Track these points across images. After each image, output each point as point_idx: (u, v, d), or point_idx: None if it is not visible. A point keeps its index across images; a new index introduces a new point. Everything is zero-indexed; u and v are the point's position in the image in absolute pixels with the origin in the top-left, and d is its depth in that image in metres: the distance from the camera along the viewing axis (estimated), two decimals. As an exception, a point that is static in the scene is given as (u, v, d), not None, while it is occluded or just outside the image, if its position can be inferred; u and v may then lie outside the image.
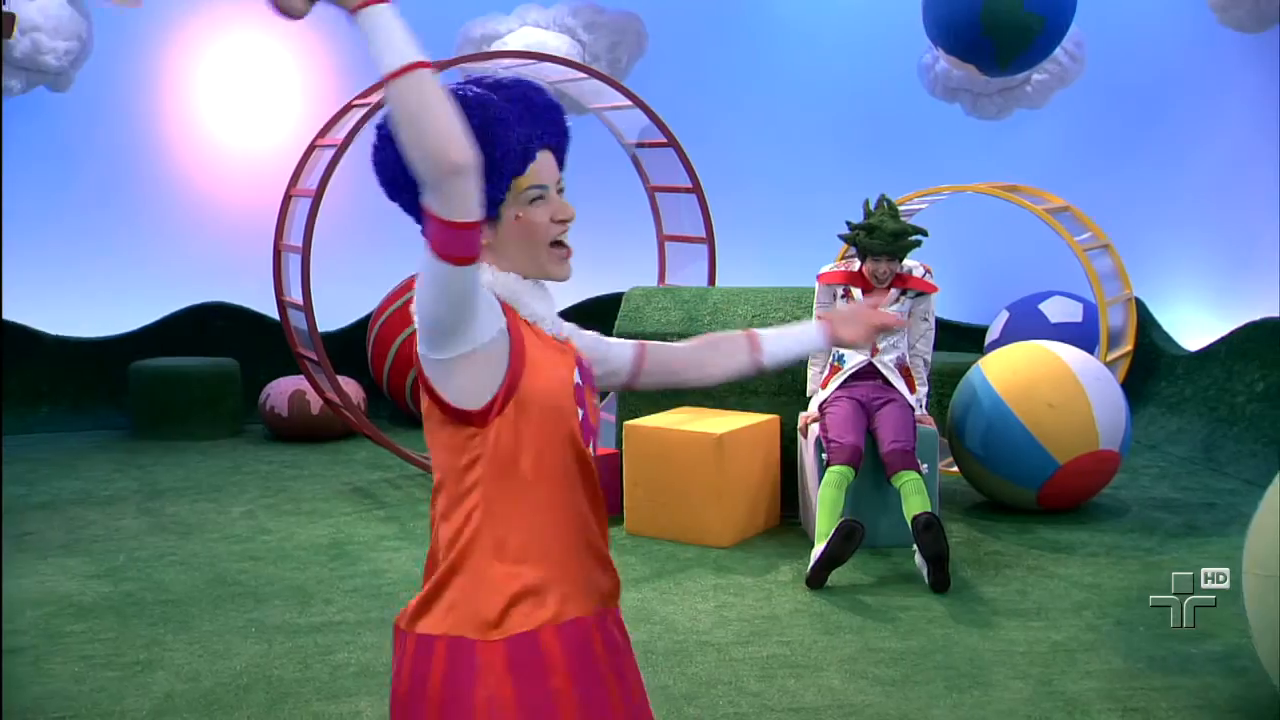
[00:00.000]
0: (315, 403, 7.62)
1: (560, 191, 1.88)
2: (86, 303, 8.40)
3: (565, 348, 1.89)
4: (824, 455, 5.23)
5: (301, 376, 7.32)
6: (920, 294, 5.44)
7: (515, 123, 1.79)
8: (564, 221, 1.88)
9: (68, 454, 7.61)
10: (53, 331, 8.45)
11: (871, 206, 5.33)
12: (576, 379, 1.86)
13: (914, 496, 4.95)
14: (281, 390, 7.88)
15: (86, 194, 8.26)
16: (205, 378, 8.07)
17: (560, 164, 1.90)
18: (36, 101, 8.12)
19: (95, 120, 8.32)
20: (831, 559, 4.87)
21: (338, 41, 8.52)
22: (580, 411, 1.84)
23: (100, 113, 8.33)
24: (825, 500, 5.03)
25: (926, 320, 5.48)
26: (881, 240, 5.21)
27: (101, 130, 8.32)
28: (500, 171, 1.78)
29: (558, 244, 1.88)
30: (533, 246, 1.85)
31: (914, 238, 5.26)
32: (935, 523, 4.83)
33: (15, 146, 8.10)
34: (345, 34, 8.68)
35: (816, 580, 4.90)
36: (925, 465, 5.14)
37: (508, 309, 1.81)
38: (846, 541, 4.86)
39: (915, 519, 4.86)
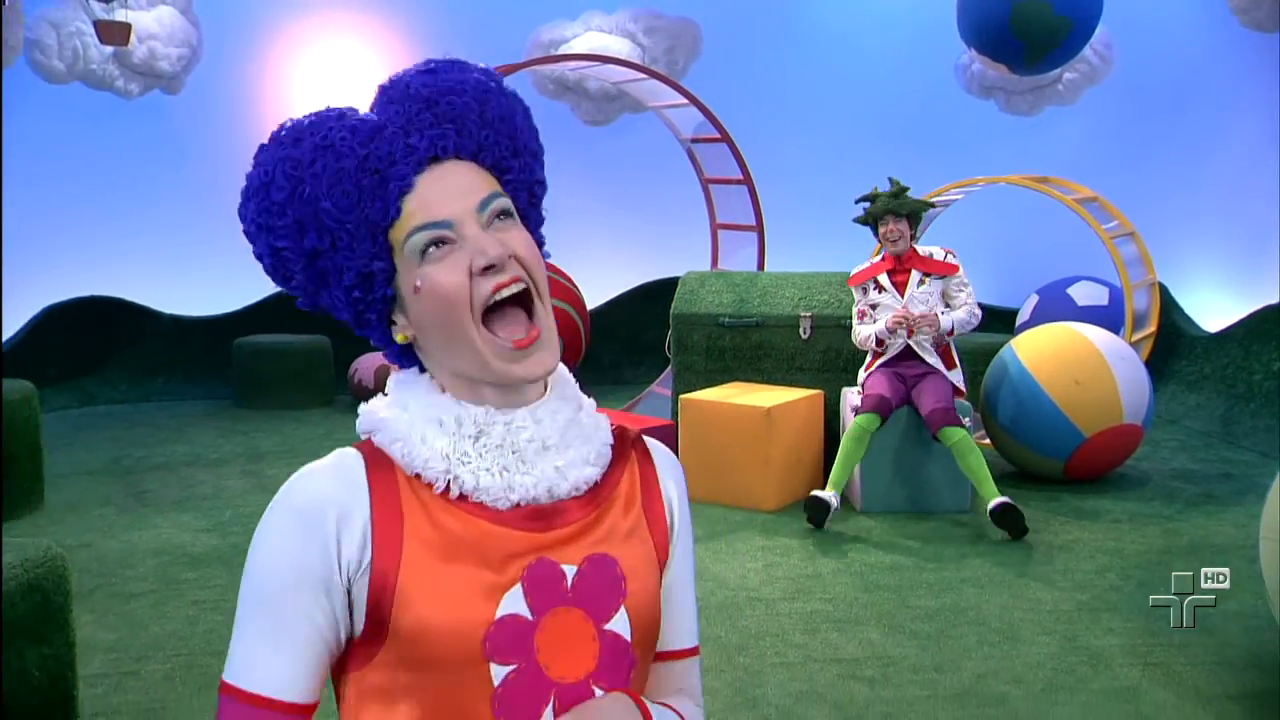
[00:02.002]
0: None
1: (502, 217, 1.07)
2: (196, 285, 8.54)
3: (527, 537, 1.07)
4: (856, 406, 5.26)
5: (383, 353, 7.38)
6: (942, 275, 5.39)
7: (350, 147, 1.04)
8: (488, 270, 1.04)
9: (180, 421, 7.76)
10: (167, 311, 8.61)
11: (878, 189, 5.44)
12: (509, 607, 1.04)
13: (970, 456, 5.00)
14: (368, 364, 7.98)
15: (197, 187, 8.39)
16: (300, 353, 8.18)
17: (510, 172, 1.11)
18: (153, 103, 8.26)
19: (204, 119, 8.45)
20: (812, 520, 5.09)
21: (420, 47, 8.57)
22: (509, 669, 1.03)
23: (208, 113, 8.45)
24: (844, 450, 5.13)
25: (961, 293, 5.35)
26: (882, 201, 5.30)
27: (209, 128, 8.45)
28: (355, 232, 1.05)
29: (496, 312, 1.05)
30: (453, 328, 1.05)
31: (912, 197, 5.34)
32: (1011, 509, 4.92)
33: (134, 144, 8.28)
34: (427, 39, 8.78)
35: (814, 522, 5.09)
36: (967, 419, 5.13)
37: (378, 487, 1.06)
38: (814, 510, 5.09)
39: (991, 511, 4.94)
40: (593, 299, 8.89)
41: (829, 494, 5.13)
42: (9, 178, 7.94)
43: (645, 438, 1.24)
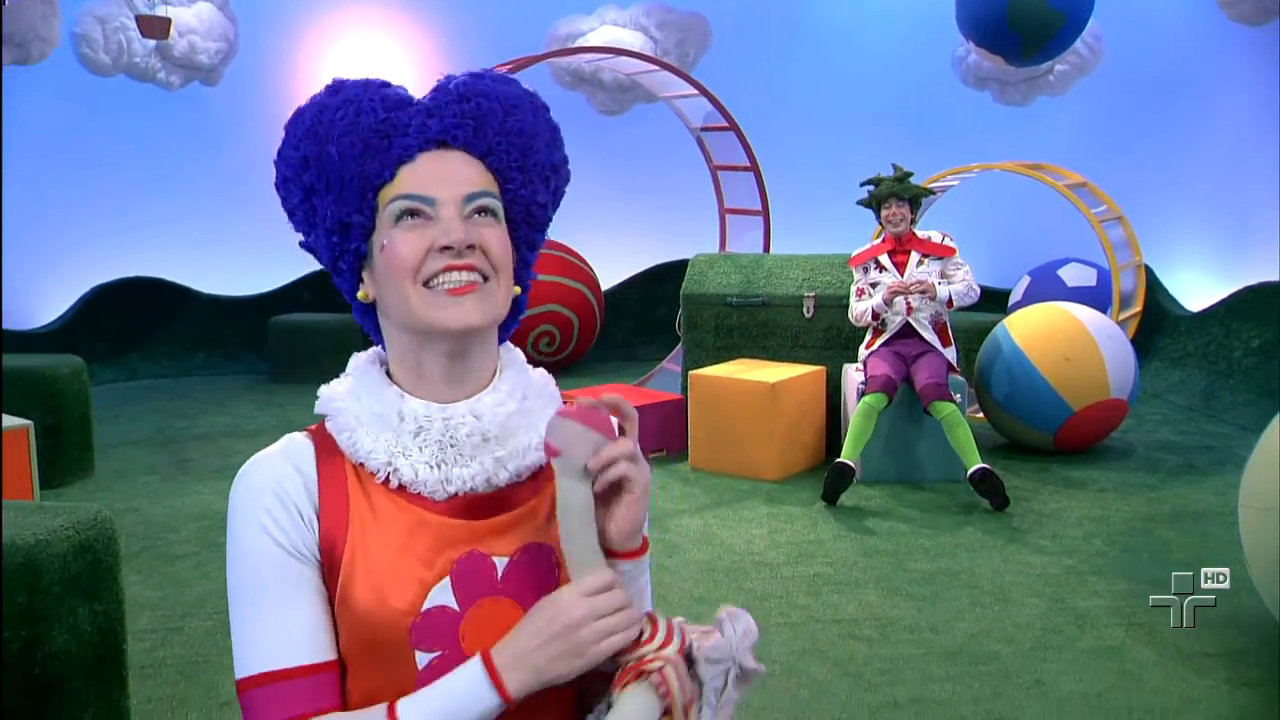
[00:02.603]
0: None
1: (484, 214, 1.06)
2: (234, 266, 8.56)
3: (465, 527, 1.06)
4: (862, 386, 5.24)
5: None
6: (940, 257, 5.36)
7: (374, 107, 1.06)
8: (445, 249, 1.03)
9: (219, 394, 7.79)
10: (207, 291, 8.63)
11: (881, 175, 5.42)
12: (437, 599, 1.03)
13: (958, 430, 4.98)
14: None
15: (234, 173, 8.39)
16: (331, 330, 8.20)
17: (512, 184, 1.10)
18: (192, 94, 8.26)
19: (240, 109, 8.44)
20: (829, 491, 5.01)
21: (445, 39, 8.54)
22: (434, 655, 1.03)
23: (244, 103, 8.44)
24: (854, 427, 5.11)
25: (959, 271, 5.30)
26: (887, 185, 5.29)
27: (245, 118, 8.44)
28: (348, 181, 1.06)
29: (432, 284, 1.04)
30: (396, 286, 1.05)
31: (915, 182, 5.31)
32: (989, 475, 4.89)
33: (175, 133, 8.28)
34: (450, 33, 8.74)
35: (829, 497, 5.05)
36: (958, 395, 5.12)
37: (326, 468, 1.07)
38: (837, 479, 5.01)
39: (971, 476, 4.92)
40: (607, 280, 8.88)
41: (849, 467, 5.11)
42: (59, 166, 7.97)
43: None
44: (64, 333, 7.90)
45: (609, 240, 8.80)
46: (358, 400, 1.09)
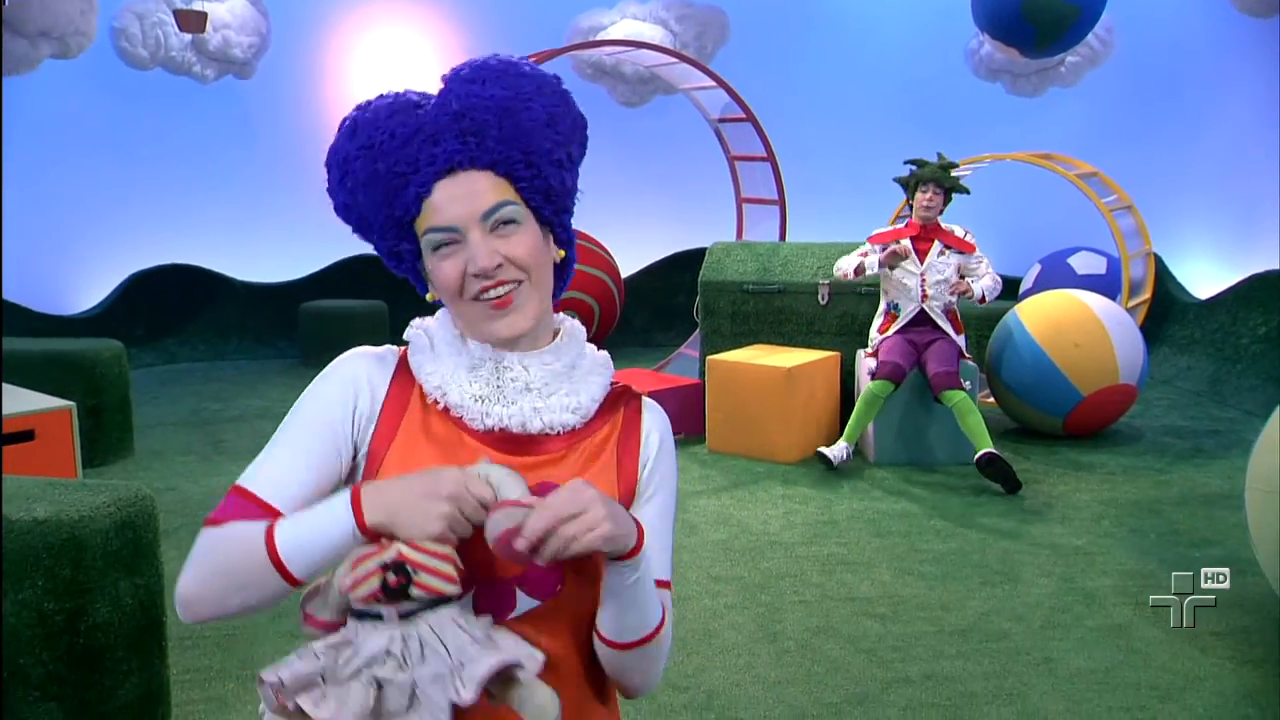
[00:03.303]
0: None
1: (507, 224, 1.13)
2: (266, 254, 8.60)
3: (479, 453, 1.13)
4: (873, 371, 5.24)
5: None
6: (960, 251, 5.32)
7: (387, 150, 1.13)
8: (479, 275, 1.12)
9: (252, 377, 7.84)
10: (240, 277, 8.68)
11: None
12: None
13: (969, 417, 4.97)
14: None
15: (266, 164, 8.42)
16: (360, 316, 8.22)
17: (523, 180, 1.14)
18: (226, 88, 8.28)
19: (273, 102, 8.46)
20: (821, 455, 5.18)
21: (470, 32, 8.53)
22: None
23: (277, 96, 8.46)
24: (857, 411, 5.17)
25: (980, 264, 5.24)
26: (931, 169, 5.19)
27: (278, 110, 8.46)
28: (385, 222, 1.16)
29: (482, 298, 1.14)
30: (450, 303, 1.17)
31: (957, 175, 5.20)
32: (996, 459, 4.86)
33: (210, 125, 8.32)
34: (476, 27, 8.73)
35: (825, 463, 5.17)
36: (968, 383, 5.10)
37: (399, 382, 1.18)
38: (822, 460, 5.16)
39: (977, 460, 4.91)
40: (627, 267, 8.87)
41: (840, 447, 5.22)
42: (100, 157, 8.01)
43: (645, 399, 1.27)
44: (104, 318, 7.96)
45: (629, 229, 8.79)
46: (433, 333, 1.22)
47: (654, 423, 1.25)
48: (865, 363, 5.50)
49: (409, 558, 1.02)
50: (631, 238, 8.84)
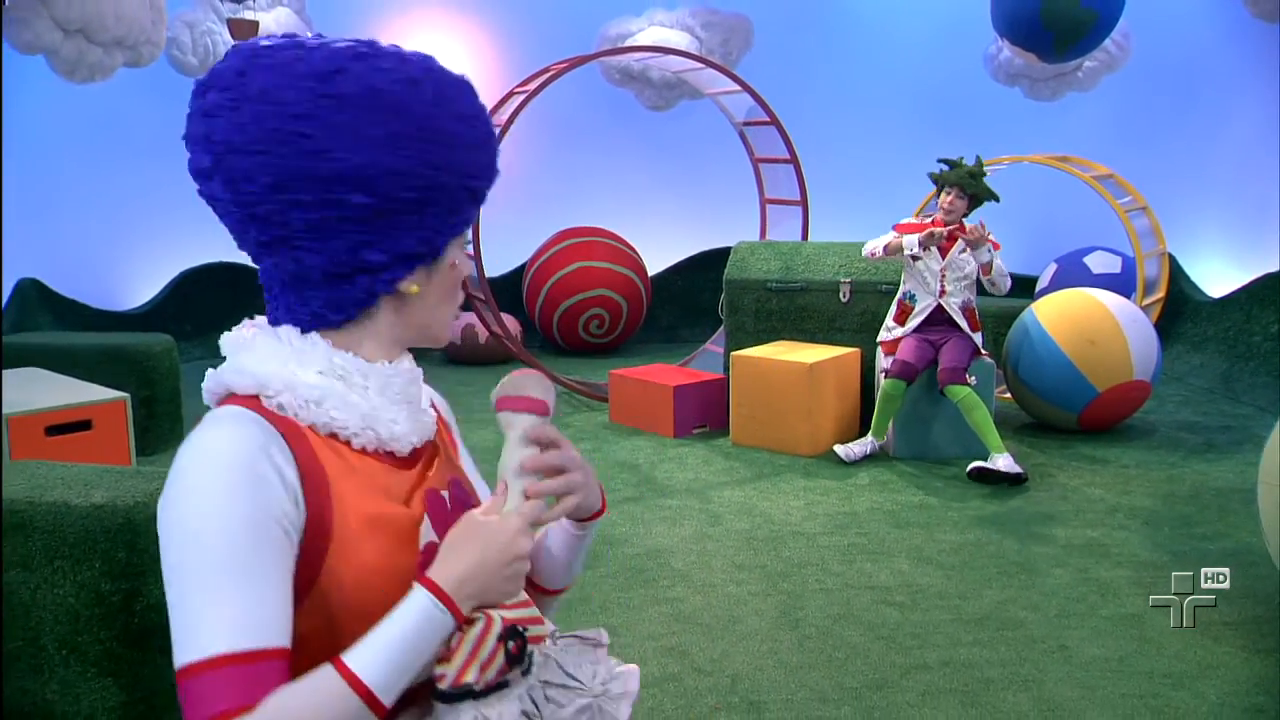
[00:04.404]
0: (482, 334, 7.78)
1: None
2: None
3: (412, 476, 1.06)
4: (885, 370, 5.24)
5: (472, 313, 7.46)
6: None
7: (486, 123, 1.06)
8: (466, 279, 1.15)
9: (296, 371, 7.90)
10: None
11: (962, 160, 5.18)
12: (425, 536, 1.03)
13: (974, 412, 4.94)
14: (456, 324, 8.05)
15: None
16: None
17: None
18: (269, 93, 8.34)
19: (314, 108, 8.49)
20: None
21: (505, 40, 8.55)
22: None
23: (318, 102, 8.49)
24: (879, 408, 5.24)
25: (990, 257, 5.19)
26: (958, 174, 5.06)
27: (319, 116, 8.49)
28: (466, 187, 1.04)
29: None
30: (450, 302, 1.10)
31: (987, 180, 5.11)
32: (985, 472, 4.87)
33: (254, 129, 8.37)
34: (510, 35, 8.74)
35: (847, 457, 5.21)
36: (974, 379, 5.05)
37: (300, 438, 0.98)
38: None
39: (969, 473, 4.92)
40: (653, 266, 8.87)
41: (867, 441, 5.28)
42: (151, 161, 8.10)
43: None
44: (156, 313, 8.05)
45: (656, 228, 8.79)
46: (304, 370, 1.01)
47: (440, 402, 1.24)
48: (884, 359, 5.48)
49: (514, 620, 1.00)
50: (658, 237, 8.84)
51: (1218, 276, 7.96)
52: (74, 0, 5.76)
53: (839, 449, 5.28)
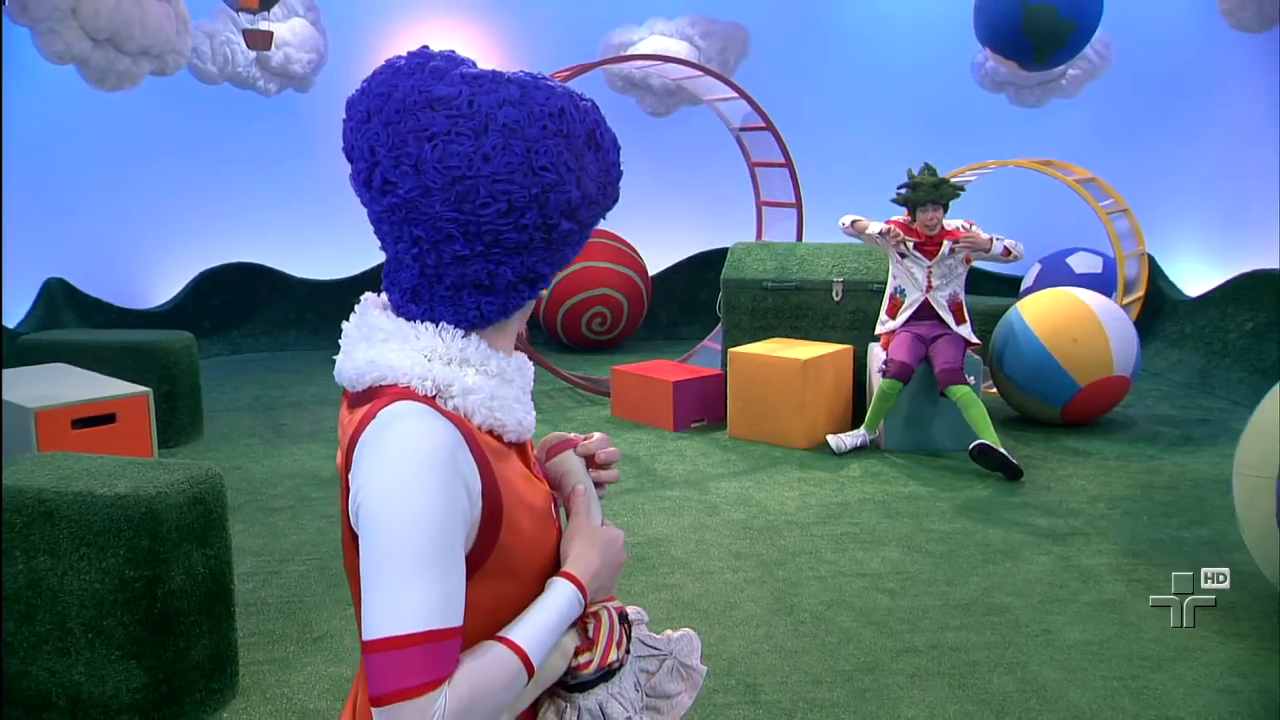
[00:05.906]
0: (492, 330, 7.76)
1: None
2: (323, 253, 8.66)
3: (531, 461, 1.17)
4: (883, 368, 5.21)
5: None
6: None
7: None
8: None
9: (310, 367, 7.90)
10: (299, 274, 8.74)
11: (915, 172, 5.22)
12: (559, 515, 1.17)
13: (972, 409, 4.94)
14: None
15: (323, 170, 8.43)
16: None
17: None
18: (287, 101, 8.34)
19: (330, 113, 8.42)
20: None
21: (512, 48, 8.54)
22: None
23: (333, 108, 8.40)
24: (874, 404, 5.21)
25: (997, 248, 5.14)
26: (924, 191, 5.11)
27: (334, 121, 8.39)
28: (607, 193, 1.10)
29: None
30: (524, 308, 1.13)
31: (954, 184, 5.15)
32: (987, 449, 4.82)
33: (271, 135, 8.38)
34: (517, 42, 8.73)
35: (838, 448, 5.23)
36: (972, 378, 5.07)
37: (473, 438, 1.03)
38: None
39: (971, 450, 4.87)
40: (654, 266, 8.87)
41: (859, 434, 5.30)
42: (174, 165, 8.10)
43: None
44: (176, 312, 8.06)
45: (656, 230, 8.78)
46: (468, 370, 1.07)
47: None
48: (876, 353, 5.48)
49: (620, 610, 1.15)
50: (658, 238, 8.83)
51: (1195, 276, 7.95)
52: (103, 11, 5.75)
53: (831, 439, 5.28)
